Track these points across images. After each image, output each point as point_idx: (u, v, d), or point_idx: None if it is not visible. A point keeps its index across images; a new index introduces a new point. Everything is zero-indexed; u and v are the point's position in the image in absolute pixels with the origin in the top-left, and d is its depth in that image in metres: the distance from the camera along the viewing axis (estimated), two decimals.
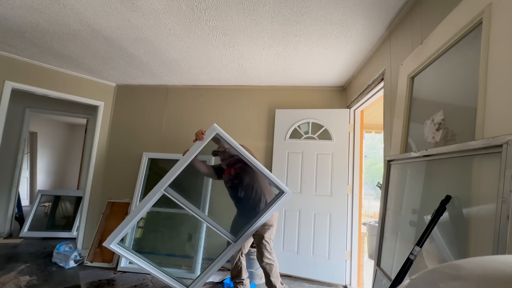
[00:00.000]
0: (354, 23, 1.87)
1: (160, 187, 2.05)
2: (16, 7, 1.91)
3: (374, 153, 9.20)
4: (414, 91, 1.51)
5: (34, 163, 6.02)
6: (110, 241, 2.06)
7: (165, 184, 2.05)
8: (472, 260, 0.42)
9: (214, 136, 2.07)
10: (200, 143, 2.06)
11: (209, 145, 2.14)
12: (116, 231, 2.07)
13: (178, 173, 2.06)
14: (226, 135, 2.09)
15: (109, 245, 2.05)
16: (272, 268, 2.23)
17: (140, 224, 3.03)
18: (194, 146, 2.08)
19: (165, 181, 2.05)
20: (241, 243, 2.24)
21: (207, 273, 2.21)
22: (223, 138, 2.11)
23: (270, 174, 2.22)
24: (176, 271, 2.73)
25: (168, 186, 2.07)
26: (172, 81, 3.36)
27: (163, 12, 1.86)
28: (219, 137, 2.10)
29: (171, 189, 2.10)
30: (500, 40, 0.91)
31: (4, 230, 3.73)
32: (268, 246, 2.23)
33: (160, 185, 2.05)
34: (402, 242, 1.37)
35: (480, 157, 0.91)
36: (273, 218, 2.30)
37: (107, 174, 3.42)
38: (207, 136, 2.06)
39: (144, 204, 2.05)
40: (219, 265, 2.21)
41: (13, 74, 2.83)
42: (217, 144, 2.30)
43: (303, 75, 2.87)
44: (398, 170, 1.55)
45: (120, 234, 2.08)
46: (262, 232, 2.24)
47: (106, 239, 2.06)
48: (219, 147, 2.34)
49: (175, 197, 2.12)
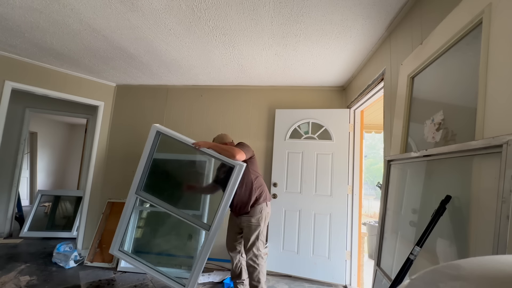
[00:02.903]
0: (354, 23, 1.87)
1: (133, 192, 2.38)
2: (16, 7, 1.91)
3: (374, 153, 9.20)
4: (414, 91, 1.50)
5: (34, 163, 6.02)
6: (113, 248, 2.38)
7: (135, 189, 2.37)
8: (472, 260, 0.42)
9: (156, 133, 2.33)
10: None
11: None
12: (114, 239, 2.39)
13: (144, 177, 2.38)
14: (168, 130, 2.34)
15: (113, 252, 2.39)
16: (254, 272, 2.14)
17: (140, 224, 3.03)
18: (144, 150, 2.33)
19: (134, 186, 2.37)
20: (215, 230, 2.15)
21: (195, 268, 2.18)
22: (165, 133, 2.32)
23: (218, 155, 2.16)
24: (176, 271, 2.72)
25: (138, 191, 2.38)
26: (172, 81, 3.36)
27: (163, 12, 1.86)
28: (161, 133, 2.33)
29: (143, 192, 2.43)
30: (500, 40, 0.91)
31: (4, 230, 3.73)
32: (255, 247, 2.14)
33: (132, 191, 2.38)
34: (402, 242, 1.37)
35: (480, 157, 0.91)
36: (261, 216, 2.18)
37: (107, 174, 3.42)
38: (150, 137, 2.31)
39: (125, 211, 2.39)
40: (205, 257, 2.16)
41: (13, 74, 2.83)
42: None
43: (303, 75, 2.87)
44: (398, 170, 1.55)
45: (117, 240, 2.37)
46: (248, 233, 2.17)
47: (110, 247, 2.41)
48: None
49: (147, 198, 2.41)
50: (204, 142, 2.22)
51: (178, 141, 2.31)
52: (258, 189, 2.24)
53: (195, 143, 2.19)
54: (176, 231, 3.03)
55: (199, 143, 2.18)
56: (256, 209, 2.19)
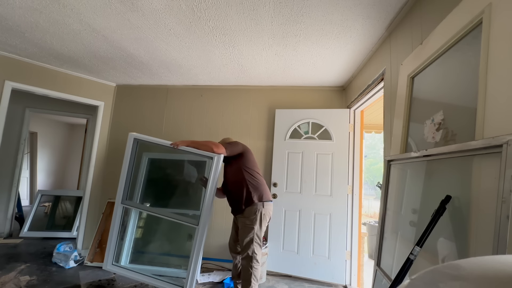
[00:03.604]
0: (354, 23, 1.87)
1: (118, 202, 2.46)
2: (16, 7, 1.91)
3: (374, 153, 9.21)
4: (414, 91, 1.50)
5: (34, 163, 6.02)
6: (106, 264, 2.44)
7: (120, 200, 2.45)
8: (472, 260, 0.42)
9: (134, 140, 2.43)
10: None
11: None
12: (106, 253, 2.45)
13: (127, 186, 2.46)
14: (144, 136, 2.44)
15: (107, 267, 2.44)
16: (246, 274, 2.05)
17: (140, 225, 3.03)
18: (124, 159, 2.42)
19: (119, 197, 2.45)
20: (204, 224, 2.16)
21: (191, 267, 2.19)
22: (143, 140, 2.41)
23: (197, 151, 2.24)
24: (176, 271, 2.72)
25: (124, 200, 2.46)
26: (172, 81, 3.36)
27: (163, 12, 1.86)
28: (140, 140, 2.43)
29: (129, 201, 2.55)
30: (500, 40, 0.91)
31: (4, 230, 3.73)
32: (250, 250, 2.06)
33: (117, 201, 2.46)
34: (402, 242, 1.37)
35: (480, 157, 0.91)
36: (255, 218, 2.09)
37: (107, 174, 3.42)
38: (128, 145, 2.41)
39: (113, 223, 2.47)
40: (199, 253, 2.17)
41: (13, 74, 2.83)
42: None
43: (303, 75, 2.87)
44: (398, 170, 1.55)
45: (110, 254, 2.45)
46: (242, 234, 2.11)
47: (104, 262, 2.45)
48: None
49: (132, 206, 2.56)
50: (182, 141, 2.26)
51: (157, 144, 2.42)
52: (252, 187, 2.15)
53: (173, 143, 2.24)
54: (176, 231, 3.03)
55: (177, 143, 2.23)
56: (251, 209, 2.11)
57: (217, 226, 3.16)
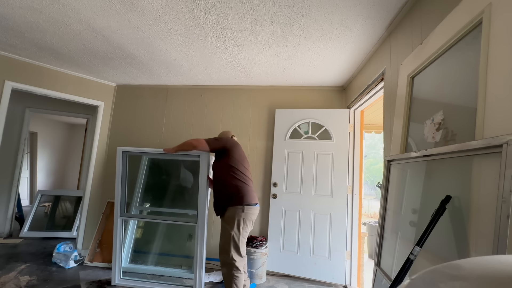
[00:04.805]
0: (354, 23, 1.87)
1: (117, 215, 2.48)
2: (16, 7, 1.91)
3: (374, 153, 9.20)
4: (414, 91, 1.51)
5: (34, 163, 6.02)
6: (115, 278, 2.47)
7: (118, 213, 2.47)
8: (472, 260, 0.42)
9: (123, 154, 2.45)
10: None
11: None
12: (113, 267, 2.47)
13: (124, 199, 2.49)
14: (133, 149, 2.50)
15: (115, 282, 2.47)
16: (227, 282, 1.90)
17: (140, 225, 3.03)
18: (116, 173, 2.43)
19: (117, 210, 2.47)
20: (202, 220, 2.17)
21: (197, 266, 2.24)
22: (132, 152, 2.46)
23: (185, 152, 2.30)
24: (176, 271, 2.72)
25: (122, 213, 2.49)
26: (172, 81, 3.36)
27: (163, 12, 1.86)
28: (129, 153, 2.46)
29: (128, 213, 2.65)
30: (500, 40, 0.91)
31: (4, 230, 3.73)
32: (227, 255, 1.91)
33: (116, 215, 2.49)
34: (402, 242, 1.37)
35: (480, 157, 0.91)
36: (233, 221, 1.94)
37: (107, 174, 3.42)
38: (118, 159, 2.43)
39: (115, 237, 2.48)
40: (202, 251, 2.22)
41: (13, 74, 2.83)
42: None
43: (303, 75, 2.87)
44: (398, 170, 1.55)
45: (117, 268, 2.49)
46: (221, 237, 1.99)
47: (111, 277, 2.48)
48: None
49: (132, 217, 2.73)
50: (166, 149, 2.30)
51: (149, 153, 2.52)
52: (233, 188, 2.00)
53: (165, 149, 2.31)
54: (176, 231, 3.03)
55: (164, 150, 2.30)
56: (229, 212, 1.98)
57: (217, 226, 3.16)
